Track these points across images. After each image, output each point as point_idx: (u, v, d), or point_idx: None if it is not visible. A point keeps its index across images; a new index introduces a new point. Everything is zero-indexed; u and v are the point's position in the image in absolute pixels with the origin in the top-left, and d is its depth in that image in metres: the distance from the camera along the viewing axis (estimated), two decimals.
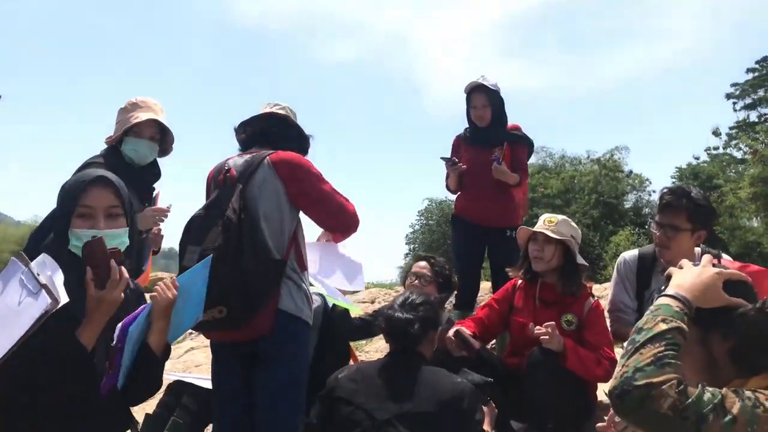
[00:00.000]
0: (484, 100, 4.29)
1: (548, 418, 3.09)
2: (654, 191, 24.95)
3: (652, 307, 1.50)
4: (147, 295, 2.31)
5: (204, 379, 3.20)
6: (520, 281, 3.55)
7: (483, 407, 2.90)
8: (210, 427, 3.05)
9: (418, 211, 32.51)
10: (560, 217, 3.50)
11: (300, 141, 2.88)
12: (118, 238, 1.99)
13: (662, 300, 1.50)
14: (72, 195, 1.98)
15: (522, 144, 4.47)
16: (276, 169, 2.66)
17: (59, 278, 1.80)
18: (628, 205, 25.56)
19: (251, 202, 2.62)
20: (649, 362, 1.36)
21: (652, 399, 1.31)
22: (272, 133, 2.82)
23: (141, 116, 3.25)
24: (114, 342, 1.92)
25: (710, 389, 1.35)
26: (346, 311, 3.38)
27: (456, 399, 2.30)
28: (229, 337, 2.61)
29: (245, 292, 2.49)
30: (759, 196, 17.05)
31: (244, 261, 2.51)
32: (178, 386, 3.20)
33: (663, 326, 1.42)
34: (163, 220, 3.32)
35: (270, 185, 2.65)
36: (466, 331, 3.28)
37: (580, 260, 3.37)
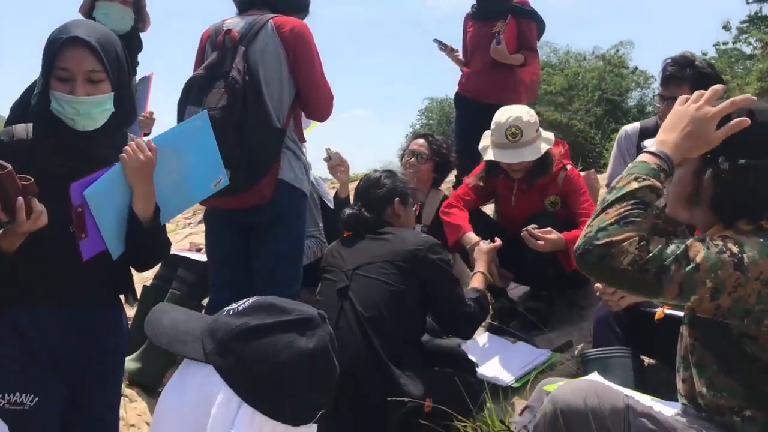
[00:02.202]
0: None
1: (541, 286, 3.14)
2: (658, 89, 24.49)
3: (630, 165, 1.46)
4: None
5: (199, 254, 3.22)
6: None
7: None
8: (207, 299, 3.08)
9: (419, 111, 32.03)
10: (520, 121, 3.02)
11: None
12: (100, 105, 1.86)
13: (641, 157, 1.46)
14: (50, 53, 1.84)
15: (529, 19, 4.16)
16: (280, 35, 2.56)
17: None
18: (631, 102, 25.17)
19: (253, 66, 2.53)
20: (613, 221, 1.34)
21: (612, 256, 1.31)
22: None
23: None
24: (74, 205, 1.76)
25: (676, 241, 1.35)
26: (346, 200, 3.33)
27: (416, 250, 2.45)
28: (228, 203, 2.57)
29: (249, 156, 2.45)
30: (766, 92, 16.70)
31: (249, 125, 2.45)
32: (174, 259, 3.22)
33: (634, 185, 1.38)
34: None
35: (272, 50, 2.55)
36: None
37: (547, 146, 3.08)
